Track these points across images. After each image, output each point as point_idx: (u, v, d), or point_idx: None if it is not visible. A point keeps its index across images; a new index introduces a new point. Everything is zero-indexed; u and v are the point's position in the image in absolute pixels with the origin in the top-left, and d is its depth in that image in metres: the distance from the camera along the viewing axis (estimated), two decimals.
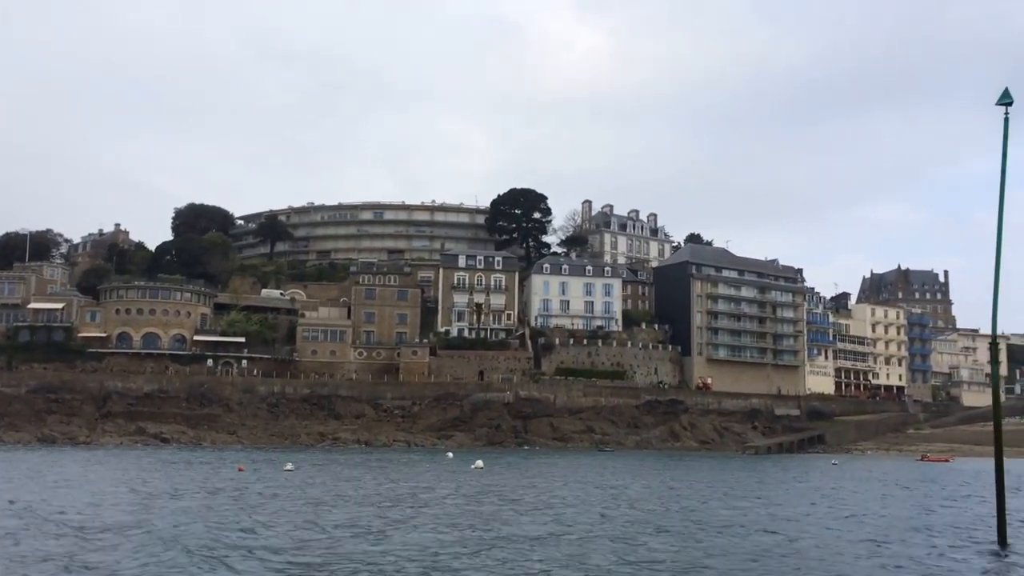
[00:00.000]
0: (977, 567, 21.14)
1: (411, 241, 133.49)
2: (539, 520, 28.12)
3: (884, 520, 31.05)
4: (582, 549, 22.23)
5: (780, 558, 21.76)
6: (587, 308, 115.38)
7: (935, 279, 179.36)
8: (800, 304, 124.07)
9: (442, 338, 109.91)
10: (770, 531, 26.81)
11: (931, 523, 30.38)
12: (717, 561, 21.00)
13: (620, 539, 24.20)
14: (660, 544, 23.52)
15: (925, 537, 26.50)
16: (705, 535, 25.77)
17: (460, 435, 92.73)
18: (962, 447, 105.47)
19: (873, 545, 24.59)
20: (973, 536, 26.05)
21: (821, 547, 23.95)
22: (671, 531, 26.54)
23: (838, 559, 22.01)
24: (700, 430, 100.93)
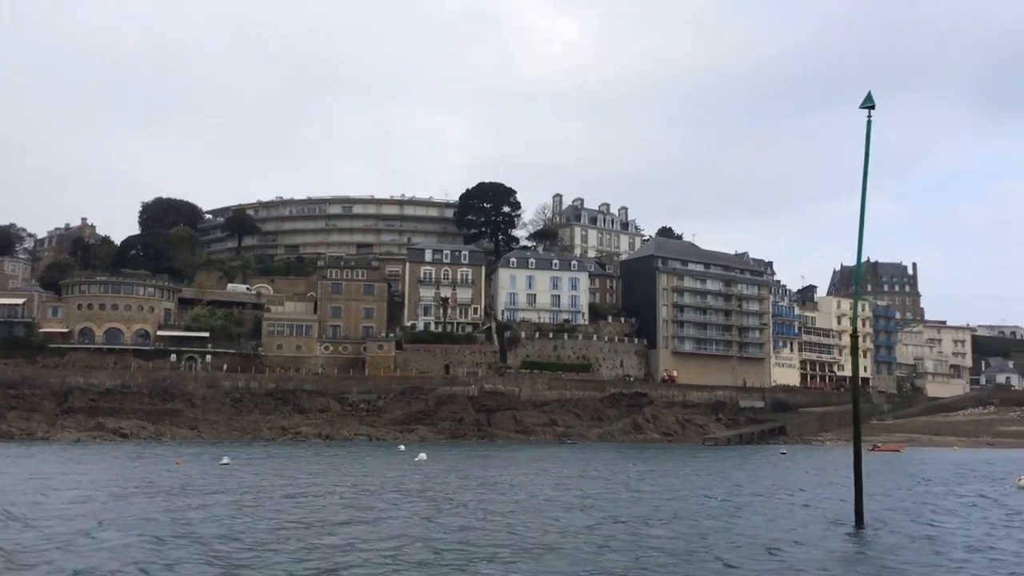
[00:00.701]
0: (826, 543, 22.18)
1: (380, 235, 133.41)
2: (400, 508, 28.79)
3: (767, 502, 32.58)
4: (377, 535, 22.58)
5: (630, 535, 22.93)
6: (554, 302, 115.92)
7: (904, 272, 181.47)
8: (765, 297, 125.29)
9: (408, 332, 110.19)
10: (634, 504, 27.75)
11: (814, 505, 31.56)
12: (567, 540, 22.00)
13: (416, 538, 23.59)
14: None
15: (799, 517, 27.79)
16: (551, 515, 26.95)
17: (423, 429, 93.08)
18: (920, 437, 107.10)
19: (732, 521, 26.58)
20: (839, 517, 26.92)
21: (679, 519, 25.57)
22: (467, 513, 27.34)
23: (692, 531, 23.49)
24: (663, 422, 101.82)
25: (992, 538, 23.84)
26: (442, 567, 18.10)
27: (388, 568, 18.00)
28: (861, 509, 24.14)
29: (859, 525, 23.97)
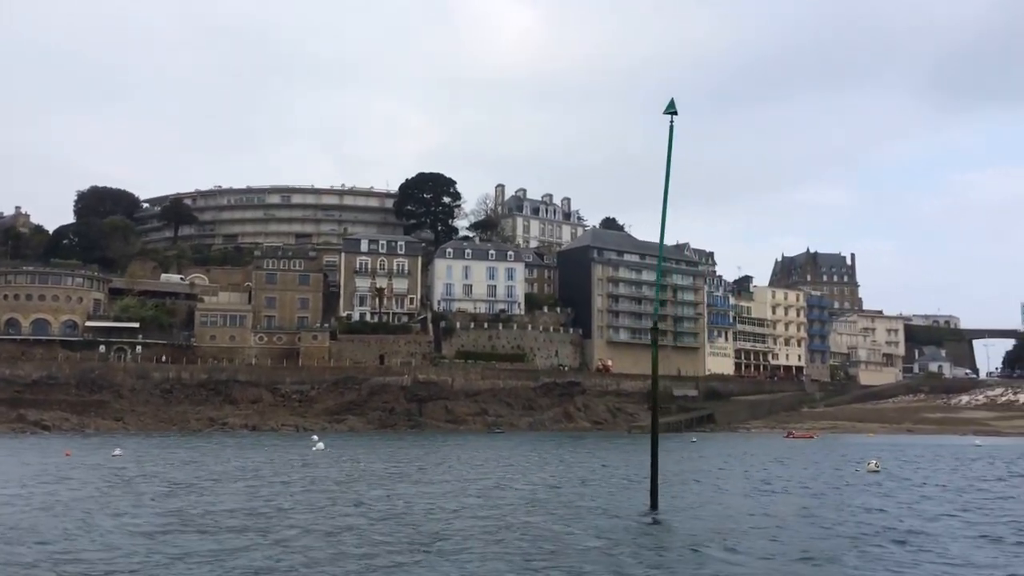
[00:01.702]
0: (618, 524, 23.39)
1: (320, 225, 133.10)
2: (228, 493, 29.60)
3: (585, 485, 34.19)
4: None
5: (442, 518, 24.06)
6: (490, 292, 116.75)
7: (842, 262, 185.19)
8: (700, 287, 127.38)
9: (344, 322, 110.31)
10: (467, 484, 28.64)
11: (635, 487, 33.22)
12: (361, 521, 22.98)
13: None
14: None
15: (610, 498, 29.28)
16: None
17: (352, 419, 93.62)
18: (845, 424, 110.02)
19: (544, 499, 28.53)
20: (640, 500, 28.04)
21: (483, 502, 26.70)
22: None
23: (491, 507, 24.86)
24: (593, 411, 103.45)
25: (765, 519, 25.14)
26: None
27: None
28: (656, 492, 25.49)
29: (654, 507, 25.32)
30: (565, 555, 18.49)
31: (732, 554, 18.81)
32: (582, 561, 17.78)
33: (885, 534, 22.06)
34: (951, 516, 26.12)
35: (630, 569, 17.18)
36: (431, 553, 18.54)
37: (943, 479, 39.67)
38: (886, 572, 17.21)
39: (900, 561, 18.31)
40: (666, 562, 17.93)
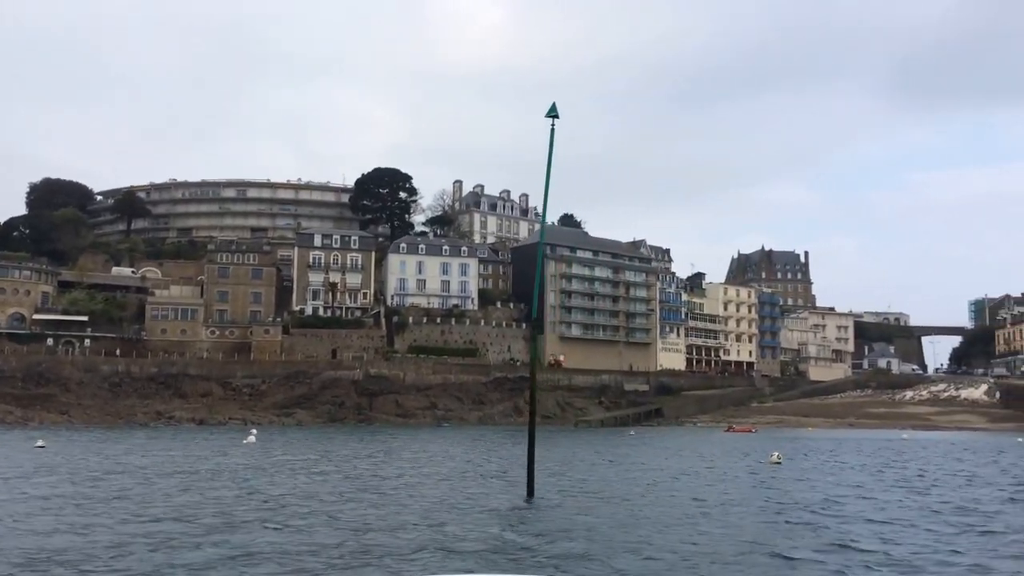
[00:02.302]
0: (493, 512, 24.49)
1: (275, 219, 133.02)
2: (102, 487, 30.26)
3: (484, 476, 35.19)
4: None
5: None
6: (443, 287, 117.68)
7: (796, 260, 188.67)
8: (653, 284, 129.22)
9: (296, 317, 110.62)
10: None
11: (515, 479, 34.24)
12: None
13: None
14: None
15: (488, 489, 30.30)
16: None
17: (301, 412, 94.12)
18: (790, 418, 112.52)
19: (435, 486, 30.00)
20: (516, 490, 29.20)
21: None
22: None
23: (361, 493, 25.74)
24: (543, 405, 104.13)
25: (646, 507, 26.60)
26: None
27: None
28: (532, 481, 26.74)
29: (530, 495, 26.55)
30: (404, 538, 19.39)
31: (577, 540, 19.93)
32: (423, 543, 18.62)
33: (711, 511, 24.46)
34: (813, 503, 27.79)
35: (461, 545, 18.30)
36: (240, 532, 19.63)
37: (834, 470, 41.66)
38: (678, 542, 19.07)
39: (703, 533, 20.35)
40: (507, 546, 18.95)
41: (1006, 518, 24.40)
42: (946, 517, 24.27)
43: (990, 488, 33.33)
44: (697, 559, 17.41)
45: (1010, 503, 28.37)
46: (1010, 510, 26.53)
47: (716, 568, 16.69)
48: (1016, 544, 19.75)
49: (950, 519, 23.84)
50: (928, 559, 17.68)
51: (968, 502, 28.32)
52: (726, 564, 17.01)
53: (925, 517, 24.25)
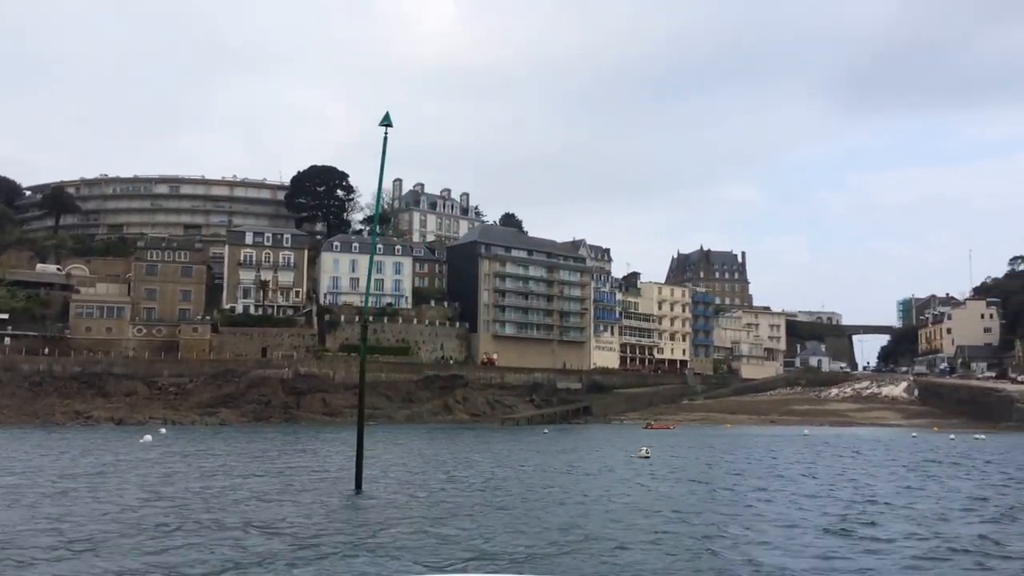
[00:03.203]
0: (325, 504, 25.90)
1: (209, 217, 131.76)
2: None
3: (333, 471, 36.52)
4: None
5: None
6: (377, 286, 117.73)
7: (734, 260, 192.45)
8: (587, 283, 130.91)
9: (226, 315, 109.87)
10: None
11: (384, 469, 36.04)
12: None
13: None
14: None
15: (324, 484, 31.52)
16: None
17: (226, 411, 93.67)
18: (715, 415, 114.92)
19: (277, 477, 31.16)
20: (347, 484, 30.58)
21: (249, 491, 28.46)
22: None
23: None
24: (473, 403, 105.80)
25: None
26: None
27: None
28: (360, 476, 28.04)
29: (358, 489, 27.84)
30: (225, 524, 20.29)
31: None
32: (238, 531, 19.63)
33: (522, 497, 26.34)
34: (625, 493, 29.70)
35: (271, 530, 19.28)
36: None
37: (701, 464, 44.19)
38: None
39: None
40: (326, 533, 20.23)
41: (763, 506, 26.79)
42: (705, 504, 27.02)
43: (802, 480, 36.17)
44: (472, 542, 19.08)
45: (764, 492, 31.03)
46: (768, 496, 29.50)
47: (479, 543, 18.78)
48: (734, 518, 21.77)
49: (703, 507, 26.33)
50: (626, 538, 20.03)
51: (753, 491, 31.23)
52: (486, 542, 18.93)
53: (667, 505, 26.66)
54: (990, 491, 31.96)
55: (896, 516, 24.97)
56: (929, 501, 28.79)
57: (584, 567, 16.95)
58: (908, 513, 25.65)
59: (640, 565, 17.13)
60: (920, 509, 26.54)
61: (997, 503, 28.24)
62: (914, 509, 26.51)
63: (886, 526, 22.91)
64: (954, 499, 29.47)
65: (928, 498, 29.76)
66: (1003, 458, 51.32)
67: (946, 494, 31.04)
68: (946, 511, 26.15)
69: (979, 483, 35.42)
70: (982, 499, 29.38)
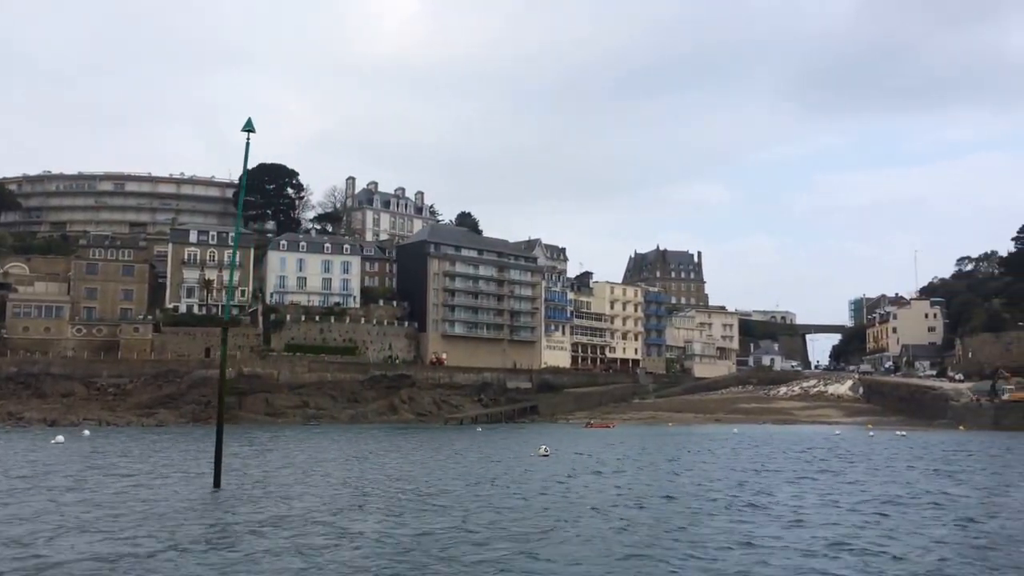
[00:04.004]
0: (175, 499, 26.38)
1: (155, 214, 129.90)
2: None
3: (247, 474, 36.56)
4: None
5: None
6: (325, 285, 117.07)
7: (690, 259, 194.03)
8: (538, 283, 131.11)
9: (169, 315, 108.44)
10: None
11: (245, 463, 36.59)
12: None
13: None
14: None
15: (186, 478, 32.34)
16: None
17: (164, 412, 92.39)
18: (662, 414, 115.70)
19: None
20: (206, 479, 31.16)
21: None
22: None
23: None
24: (419, 403, 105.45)
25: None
26: None
27: None
28: (219, 473, 28.10)
29: (216, 485, 27.87)
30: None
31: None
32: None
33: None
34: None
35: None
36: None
37: (593, 460, 45.49)
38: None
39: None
40: (168, 524, 20.57)
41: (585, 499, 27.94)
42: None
43: (681, 474, 37.81)
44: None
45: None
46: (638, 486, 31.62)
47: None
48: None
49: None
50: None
51: (634, 485, 32.57)
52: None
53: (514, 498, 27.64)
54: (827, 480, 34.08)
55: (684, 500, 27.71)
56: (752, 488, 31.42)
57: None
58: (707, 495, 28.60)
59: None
60: (722, 493, 29.73)
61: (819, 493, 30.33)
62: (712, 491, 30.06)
63: (656, 508, 25.51)
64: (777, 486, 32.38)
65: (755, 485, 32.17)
66: (896, 454, 52.78)
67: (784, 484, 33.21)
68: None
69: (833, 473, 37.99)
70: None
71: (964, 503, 27.66)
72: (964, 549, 19.26)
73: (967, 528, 22.38)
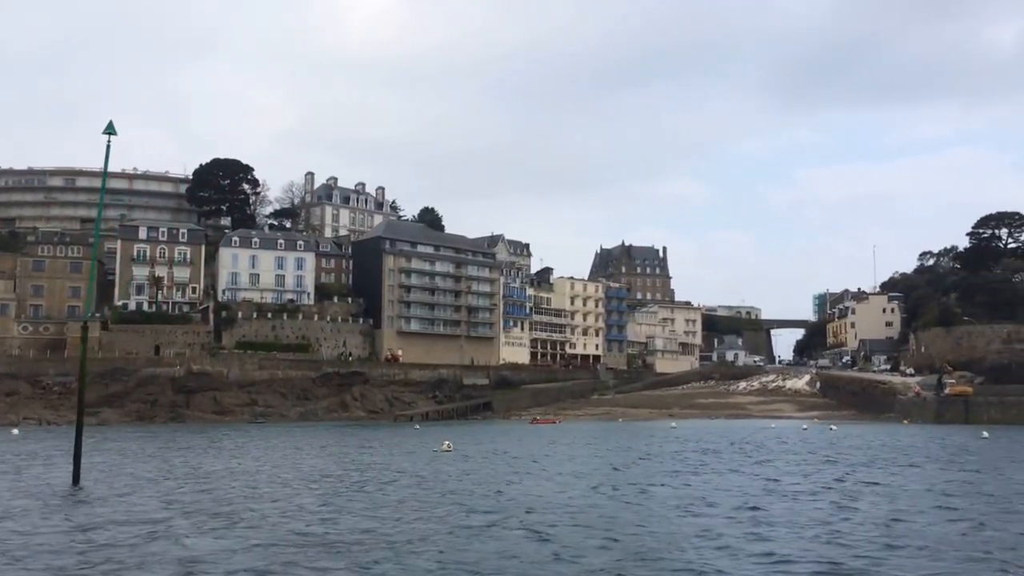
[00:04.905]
0: (33, 495, 26.19)
1: (107, 210, 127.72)
2: None
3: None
4: None
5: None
6: (278, 282, 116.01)
7: (655, 255, 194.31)
8: (496, 279, 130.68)
9: (118, 312, 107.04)
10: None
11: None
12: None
13: None
14: None
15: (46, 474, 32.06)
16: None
17: (108, 411, 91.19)
18: (617, 410, 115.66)
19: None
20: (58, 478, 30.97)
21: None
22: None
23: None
24: (371, 400, 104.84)
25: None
26: None
27: None
28: (78, 470, 27.95)
29: (75, 483, 27.73)
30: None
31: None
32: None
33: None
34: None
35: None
36: None
37: (488, 452, 46.16)
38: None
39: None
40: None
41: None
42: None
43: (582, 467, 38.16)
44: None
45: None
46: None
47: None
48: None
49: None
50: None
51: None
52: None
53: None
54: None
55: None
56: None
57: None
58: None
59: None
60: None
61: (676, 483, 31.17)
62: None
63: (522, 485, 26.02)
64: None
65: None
66: (811, 445, 53.44)
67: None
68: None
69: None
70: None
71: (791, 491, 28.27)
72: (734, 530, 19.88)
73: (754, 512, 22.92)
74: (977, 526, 20.76)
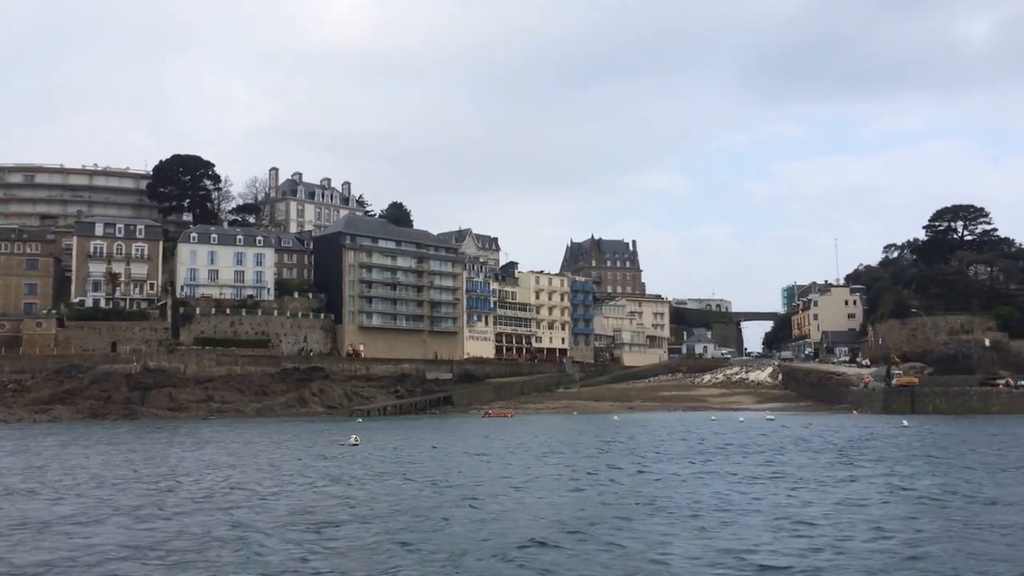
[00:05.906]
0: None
1: (67, 207, 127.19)
2: None
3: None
4: None
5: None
6: (237, 277, 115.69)
7: (625, 248, 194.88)
8: (459, 273, 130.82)
9: (74, 309, 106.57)
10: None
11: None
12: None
13: None
14: None
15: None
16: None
17: (61, 408, 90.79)
18: (578, 403, 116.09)
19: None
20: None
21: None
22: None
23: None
24: (329, 395, 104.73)
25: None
26: None
27: None
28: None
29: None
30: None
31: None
32: None
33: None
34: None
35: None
36: None
37: (391, 448, 47.05)
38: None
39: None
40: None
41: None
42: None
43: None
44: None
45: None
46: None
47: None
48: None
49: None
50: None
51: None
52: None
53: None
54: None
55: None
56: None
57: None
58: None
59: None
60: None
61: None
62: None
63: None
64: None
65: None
66: (732, 436, 54.46)
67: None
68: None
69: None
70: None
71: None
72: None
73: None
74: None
